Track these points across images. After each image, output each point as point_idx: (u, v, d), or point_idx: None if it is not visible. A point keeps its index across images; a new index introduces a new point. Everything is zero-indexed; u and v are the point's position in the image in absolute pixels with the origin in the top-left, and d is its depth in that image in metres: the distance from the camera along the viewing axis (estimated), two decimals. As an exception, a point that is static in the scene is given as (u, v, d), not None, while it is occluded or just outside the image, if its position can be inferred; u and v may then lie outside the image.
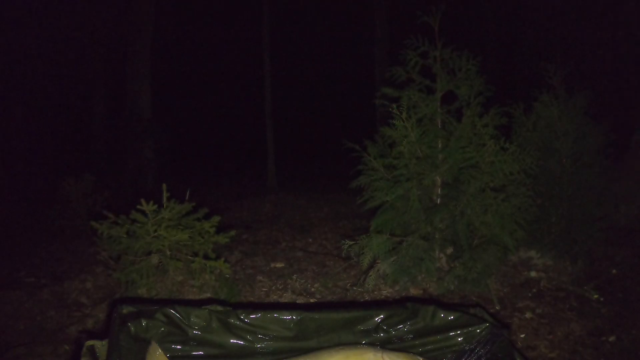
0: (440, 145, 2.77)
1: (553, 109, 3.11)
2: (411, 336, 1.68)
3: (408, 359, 1.50)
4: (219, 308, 1.65)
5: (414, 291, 2.68)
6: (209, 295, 2.62)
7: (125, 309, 1.59)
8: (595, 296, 2.66)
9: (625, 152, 4.23)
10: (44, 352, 2.14)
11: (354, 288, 2.83)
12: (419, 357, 1.50)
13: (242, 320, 1.64)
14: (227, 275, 2.86)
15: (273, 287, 2.87)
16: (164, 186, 2.64)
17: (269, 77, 9.20)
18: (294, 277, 3.04)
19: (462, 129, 2.71)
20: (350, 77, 12.94)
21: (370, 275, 2.80)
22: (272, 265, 3.34)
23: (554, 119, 3.11)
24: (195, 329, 1.63)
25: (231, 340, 1.64)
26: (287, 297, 2.70)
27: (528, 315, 2.43)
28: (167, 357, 1.57)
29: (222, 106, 13.73)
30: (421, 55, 2.80)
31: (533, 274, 2.92)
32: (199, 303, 2.49)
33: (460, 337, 1.65)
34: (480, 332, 1.63)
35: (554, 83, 3.19)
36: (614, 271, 3.02)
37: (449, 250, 2.82)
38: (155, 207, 2.57)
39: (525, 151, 2.73)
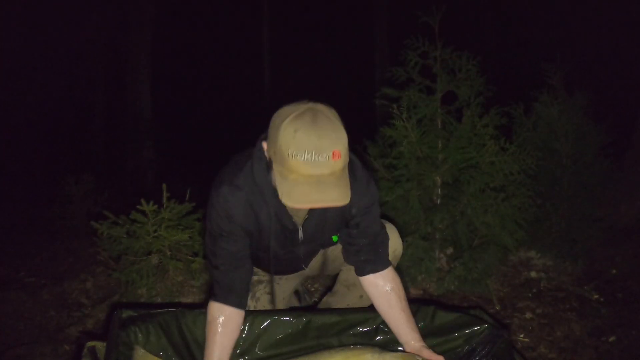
0: (440, 146, 2.77)
1: (553, 109, 3.11)
2: (411, 337, 1.68)
3: (406, 358, 1.50)
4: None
5: (414, 291, 2.68)
6: (209, 295, 2.62)
7: (125, 313, 1.60)
8: (595, 296, 2.66)
9: (626, 152, 4.22)
10: (44, 352, 2.14)
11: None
12: (417, 357, 1.50)
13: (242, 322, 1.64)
14: (227, 276, 2.86)
15: (273, 288, 2.87)
16: (164, 186, 2.64)
17: (269, 76, 9.20)
18: (294, 277, 3.03)
19: (462, 129, 2.71)
20: (350, 77, 12.94)
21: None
22: (272, 265, 3.33)
23: (554, 119, 3.11)
24: (195, 333, 1.63)
25: (231, 342, 1.64)
26: (287, 298, 2.70)
27: (528, 315, 2.43)
28: None
29: (222, 106, 13.73)
30: (421, 56, 2.80)
31: (533, 274, 2.92)
32: (199, 304, 2.49)
33: (460, 338, 1.65)
34: (480, 332, 1.63)
35: (554, 83, 3.19)
36: (614, 271, 3.02)
37: (449, 251, 2.82)
38: (155, 207, 2.57)
39: (525, 151, 2.73)
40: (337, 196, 1.23)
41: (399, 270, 1.71)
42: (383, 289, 1.58)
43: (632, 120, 4.37)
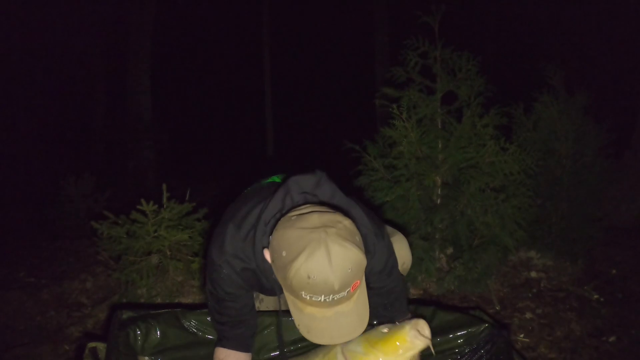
0: (440, 146, 2.77)
1: (553, 109, 3.11)
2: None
3: (369, 339, 1.32)
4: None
5: (414, 292, 2.68)
6: (209, 295, 2.62)
7: (125, 314, 1.60)
8: (595, 296, 2.66)
9: (625, 152, 4.23)
10: (44, 352, 2.15)
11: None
12: (383, 329, 1.32)
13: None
14: (227, 276, 2.86)
15: (273, 288, 2.87)
16: (164, 186, 2.64)
17: (269, 76, 9.19)
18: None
19: (462, 129, 2.71)
20: (350, 78, 12.95)
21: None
22: (272, 265, 3.33)
23: (554, 119, 3.10)
24: (195, 333, 1.63)
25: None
26: (287, 298, 2.70)
27: (528, 315, 2.43)
28: None
29: (222, 107, 13.74)
30: (421, 56, 2.80)
31: (533, 274, 2.92)
32: (199, 305, 2.49)
33: (460, 338, 1.65)
34: (480, 332, 1.63)
35: (554, 83, 3.19)
36: (614, 271, 3.02)
37: (449, 251, 2.82)
38: (155, 207, 2.57)
39: (525, 151, 2.73)
40: (356, 325, 1.21)
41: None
42: None
43: (632, 120, 4.38)
